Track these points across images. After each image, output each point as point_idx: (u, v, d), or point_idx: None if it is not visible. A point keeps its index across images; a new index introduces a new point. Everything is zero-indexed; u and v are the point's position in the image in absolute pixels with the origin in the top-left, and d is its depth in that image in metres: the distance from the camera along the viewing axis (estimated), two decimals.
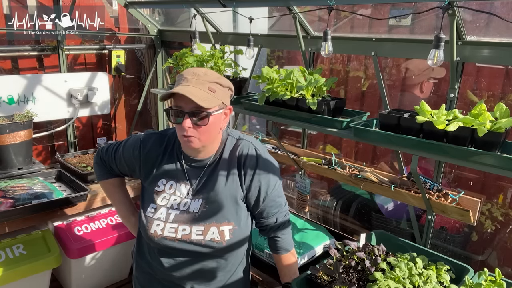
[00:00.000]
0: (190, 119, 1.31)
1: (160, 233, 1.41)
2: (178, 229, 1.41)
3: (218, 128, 1.39)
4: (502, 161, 1.38)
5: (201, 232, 1.40)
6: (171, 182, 1.46)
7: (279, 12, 2.61)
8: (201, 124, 1.32)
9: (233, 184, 1.43)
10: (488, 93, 2.54)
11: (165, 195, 1.45)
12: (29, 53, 3.04)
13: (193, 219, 1.41)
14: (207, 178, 1.44)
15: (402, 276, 1.53)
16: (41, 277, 2.31)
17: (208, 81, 1.32)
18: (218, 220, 1.41)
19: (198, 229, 1.40)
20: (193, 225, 1.41)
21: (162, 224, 1.42)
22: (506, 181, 2.47)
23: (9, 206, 2.15)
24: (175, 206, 1.44)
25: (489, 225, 2.44)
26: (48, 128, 3.17)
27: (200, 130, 1.33)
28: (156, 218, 1.43)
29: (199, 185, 1.44)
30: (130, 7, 3.19)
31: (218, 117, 1.37)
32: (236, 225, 1.43)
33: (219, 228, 1.40)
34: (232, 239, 1.42)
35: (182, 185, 1.45)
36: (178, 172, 1.46)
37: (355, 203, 2.82)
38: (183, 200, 1.44)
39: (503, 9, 1.92)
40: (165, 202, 1.45)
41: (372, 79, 3.17)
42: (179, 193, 1.45)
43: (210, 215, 1.41)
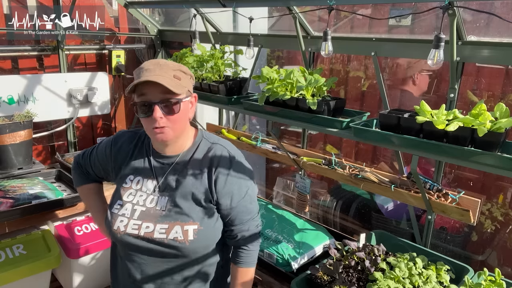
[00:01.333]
0: (161, 109, 1.26)
1: (123, 230, 1.36)
2: (141, 226, 1.36)
3: (187, 116, 1.35)
4: (502, 161, 1.39)
5: (164, 231, 1.34)
6: (138, 178, 1.43)
7: (279, 12, 2.61)
8: (173, 112, 1.27)
9: (202, 185, 1.37)
10: (488, 93, 2.54)
11: (132, 191, 1.42)
12: (29, 53, 3.04)
13: (158, 217, 1.36)
14: (176, 175, 1.40)
15: (402, 276, 1.53)
16: (41, 277, 2.31)
17: (171, 69, 1.29)
18: (183, 219, 1.35)
19: (162, 227, 1.35)
20: (157, 223, 1.35)
21: (126, 220, 1.37)
22: (506, 181, 2.47)
23: (9, 206, 2.15)
24: (141, 202, 1.40)
25: (489, 225, 2.44)
26: (48, 128, 3.17)
27: (171, 119, 1.28)
28: (120, 214, 1.39)
29: (166, 181, 1.40)
30: (130, 7, 3.19)
31: (187, 105, 1.33)
32: (201, 225, 1.35)
33: (183, 227, 1.34)
34: (196, 239, 1.34)
35: (149, 181, 1.41)
36: (145, 168, 1.43)
37: (355, 203, 2.82)
38: (149, 196, 1.40)
39: (503, 9, 1.92)
40: (131, 198, 1.41)
41: (372, 79, 3.17)
42: (146, 189, 1.41)
43: (176, 213, 1.36)
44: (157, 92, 1.25)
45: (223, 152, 1.41)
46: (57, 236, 2.41)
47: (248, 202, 1.43)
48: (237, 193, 1.39)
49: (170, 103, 1.27)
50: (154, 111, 1.25)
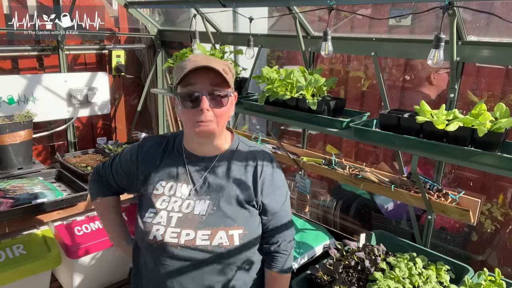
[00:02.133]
0: (208, 101, 1.20)
1: (160, 239, 1.26)
2: (181, 234, 1.26)
3: (229, 114, 1.29)
4: (502, 161, 1.39)
5: (207, 237, 1.25)
6: (171, 183, 1.34)
7: (279, 12, 2.61)
8: (220, 105, 1.22)
9: (247, 188, 1.32)
10: (488, 93, 2.54)
11: (165, 198, 1.32)
12: (29, 53, 3.04)
13: (198, 223, 1.27)
14: (216, 178, 1.32)
15: (402, 276, 1.53)
16: (41, 277, 2.31)
17: (220, 62, 1.24)
18: (228, 223, 1.27)
19: (204, 233, 1.26)
20: (198, 229, 1.26)
21: (163, 229, 1.27)
22: (506, 181, 2.47)
23: (9, 206, 2.15)
24: (176, 208, 1.30)
25: (489, 225, 2.44)
26: (48, 128, 3.17)
27: (218, 112, 1.22)
28: (155, 223, 1.28)
29: (205, 185, 1.32)
30: (130, 7, 3.19)
31: (231, 102, 1.28)
32: (246, 229, 1.29)
33: (227, 232, 1.26)
34: (242, 243, 1.28)
35: (184, 185, 1.33)
36: (179, 172, 1.34)
37: (355, 203, 2.82)
38: (184, 201, 1.31)
39: (503, 9, 1.92)
40: (165, 205, 1.31)
41: (372, 79, 3.17)
42: (180, 194, 1.32)
43: (218, 217, 1.28)
44: (207, 83, 1.20)
45: (265, 156, 1.38)
46: (57, 236, 2.41)
47: (289, 206, 1.41)
48: (280, 196, 1.37)
49: (219, 96, 1.22)
50: (202, 102, 1.19)
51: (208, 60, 1.22)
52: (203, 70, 1.19)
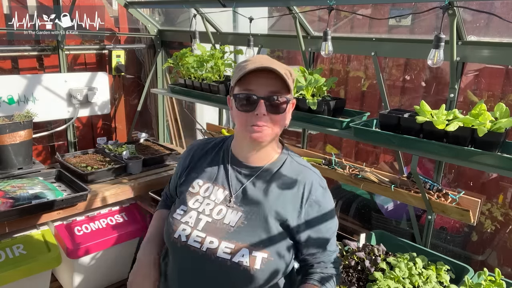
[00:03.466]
0: (266, 105, 1.14)
1: (184, 240, 1.19)
2: (205, 240, 1.18)
3: (286, 121, 1.22)
4: (502, 161, 1.39)
5: (229, 250, 1.15)
6: (208, 184, 1.28)
7: (279, 12, 2.61)
8: (277, 111, 1.15)
9: (288, 210, 1.20)
10: (488, 93, 2.54)
11: (199, 198, 1.26)
12: (29, 53, 3.04)
13: (225, 233, 1.18)
14: (255, 189, 1.23)
15: (402, 276, 1.53)
16: (41, 277, 2.31)
17: (283, 66, 1.16)
18: (254, 242, 1.16)
19: (227, 245, 1.16)
20: (223, 239, 1.17)
21: (189, 230, 1.20)
22: (506, 181, 2.47)
23: (9, 206, 2.15)
24: (207, 211, 1.23)
25: (489, 225, 2.44)
26: (48, 128, 3.17)
27: (273, 119, 1.16)
28: (183, 222, 1.22)
29: (242, 194, 1.24)
30: (130, 7, 3.20)
31: (289, 109, 1.21)
32: (272, 255, 1.16)
33: (251, 252, 1.15)
34: (262, 269, 1.14)
35: (220, 190, 1.26)
36: (219, 175, 1.28)
37: (355, 203, 2.82)
38: (217, 206, 1.24)
39: (503, 9, 1.92)
40: (197, 205, 1.25)
41: (372, 79, 3.17)
42: (214, 198, 1.25)
43: (247, 233, 1.17)
44: (266, 87, 1.14)
45: (315, 179, 1.26)
46: (57, 236, 2.41)
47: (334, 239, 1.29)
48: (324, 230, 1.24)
49: (278, 101, 1.15)
50: (259, 106, 1.13)
51: (270, 62, 1.16)
52: (264, 72, 1.13)
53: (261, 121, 1.14)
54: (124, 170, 2.80)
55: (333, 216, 1.28)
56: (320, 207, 1.23)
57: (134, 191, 2.67)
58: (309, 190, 1.22)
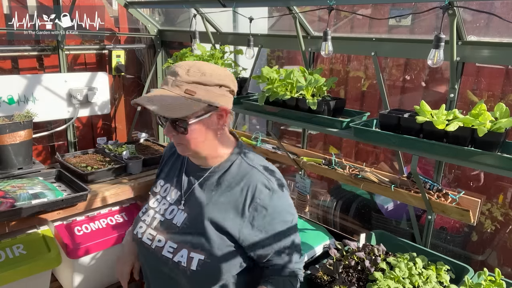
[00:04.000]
0: (172, 126, 1.17)
1: (140, 237, 1.30)
2: (155, 238, 1.26)
3: (209, 134, 1.20)
4: (502, 161, 1.38)
5: (172, 250, 1.21)
6: (167, 184, 1.35)
7: (279, 12, 2.61)
8: (182, 133, 1.17)
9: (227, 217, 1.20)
10: (488, 93, 2.54)
11: (158, 197, 1.35)
12: (29, 53, 3.04)
13: (171, 233, 1.24)
14: (201, 191, 1.26)
15: (402, 276, 1.53)
16: (41, 277, 2.31)
17: (186, 82, 1.14)
18: (193, 244, 1.19)
19: (171, 245, 1.22)
20: (169, 239, 1.23)
21: (145, 228, 1.30)
22: (506, 181, 2.47)
23: (9, 206, 2.15)
24: (162, 211, 1.31)
25: (489, 225, 2.44)
26: (48, 128, 3.17)
27: (183, 138, 1.18)
28: (142, 220, 1.33)
29: (190, 195, 1.28)
30: (130, 7, 3.19)
31: (206, 122, 1.17)
32: (208, 258, 1.17)
33: (189, 253, 1.18)
34: (199, 271, 1.17)
35: (175, 190, 1.32)
36: (176, 176, 1.35)
37: (355, 203, 2.82)
38: (170, 206, 1.30)
39: (503, 9, 1.92)
40: (156, 204, 1.34)
41: (372, 79, 3.17)
42: (169, 198, 1.32)
43: (188, 234, 1.21)
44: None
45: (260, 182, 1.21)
46: (57, 236, 2.41)
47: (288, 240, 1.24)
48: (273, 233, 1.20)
49: (178, 124, 1.15)
50: (166, 128, 1.18)
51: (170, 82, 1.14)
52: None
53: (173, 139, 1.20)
54: (124, 170, 2.80)
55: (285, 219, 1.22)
56: (267, 211, 1.19)
57: (134, 191, 2.67)
58: (253, 194, 1.19)
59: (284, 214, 1.23)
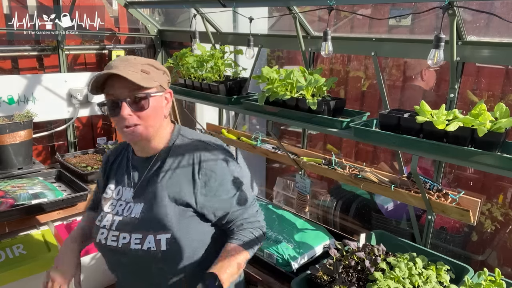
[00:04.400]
0: (129, 106, 1.19)
1: (103, 242, 1.30)
2: (119, 237, 1.28)
3: (161, 114, 1.28)
4: (502, 161, 1.38)
5: (139, 241, 1.25)
6: (119, 187, 1.37)
7: (279, 12, 2.61)
8: (142, 108, 1.21)
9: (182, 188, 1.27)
10: (488, 93, 2.54)
11: (113, 201, 1.36)
12: (29, 53, 3.04)
13: (132, 226, 1.27)
14: (150, 179, 1.30)
15: (402, 276, 1.53)
16: (41, 277, 2.30)
17: (140, 63, 1.23)
18: (155, 228, 1.24)
19: (136, 237, 1.25)
20: (132, 233, 1.27)
21: (106, 232, 1.30)
22: (506, 181, 2.47)
23: (9, 206, 2.15)
24: (120, 212, 1.32)
25: (489, 225, 2.44)
26: (48, 128, 3.17)
27: (142, 116, 1.21)
28: (101, 226, 1.33)
29: (142, 186, 1.32)
30: (130, 7, 3.20)
31: (159, 100, 1.26)
32: (174, 235, 1.24)
33: (155, 236, 1.23)
34: (169, 249, 1.23)
35: (127, 189, 1.35)
36: (125, 176, 1.37)
37: (355, 203, 2.82)
38: (128, 204, 1.32)
39: (503, 9, 1.92)
40: (111, 208, 1.35)
41: (372, 79, 3.17)
42: (124, 198, 1.34)
43: (148, 221, 1.26)
44: (124, 89, 1.19)
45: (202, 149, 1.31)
46: (57, 236, 2.41)
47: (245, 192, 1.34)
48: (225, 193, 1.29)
49: (138, 99, 1.20)
50: (122, 109, 1.19)
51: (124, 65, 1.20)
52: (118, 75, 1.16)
53: (129, 121, 1.20)
54: None
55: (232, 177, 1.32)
56: (216, 174, 1.28)
57: None
58: (199, 162, 1.28)
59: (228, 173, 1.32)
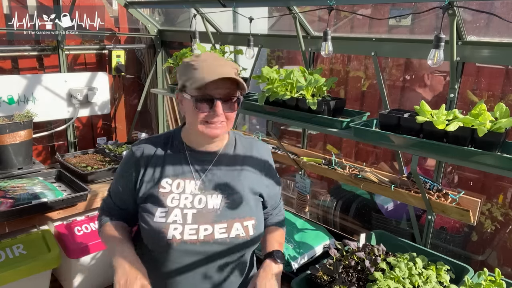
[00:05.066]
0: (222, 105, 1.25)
1: (179, 237, 1.25)
2: (199, 230, 1.27)
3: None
4: (502, 161, 1.38)
5: (224, 230, 1.29)
6: (178, 180, 1.33)
7: (279, 12, 2.61)
8: (232, 109, 1.28)
9: (255, 178, 1.40)
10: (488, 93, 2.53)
11: (174, 195, 1.31)
12: (29, 53, 3.04)
13: (214, 217, 1.29)
14: (222, 171, 1.37)
15: (402, 276, 1.53)
16: (41, 277, 2.31)
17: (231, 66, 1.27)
18: (241, 215, 1.32)
19: (221, 226, 1.29)
20: (215, 223, 1.28)
21: (181, 227, 1.26)
22: (506, 181, 2.47)
23: (9, 206, 2.15)
24: (188, 205, 1.30)
25: (489, 225, 2.44)
26: (48, 128, 3.17)
27: (228, 116, 1.28)
28: (171, 222, 1.26)
29: (212, 178, 1.35)
30: (130, 7, 3.19)
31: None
32: (257, 220, 1.35)
33: (242, 223, 1.31)
34: (255, 234, 1.33)
35: (191, 182, 1.34)
36: (184, 168, 1.35)
37: (355, 203, 2.82)
38: (196, 197, 1.32)
39: (503, 9, 1.92)
40: (176, 202, 1.30)
41: (372, 79, 3.17)
42: (189, 191, 1.32)
43: (233, 210, 1.32)
44: (221, 89, 1.24)
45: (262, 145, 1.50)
46: (57, 236, 2.41)
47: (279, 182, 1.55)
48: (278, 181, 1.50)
49: (232, 101, 1.26)
50: (217, 107, 1.24)
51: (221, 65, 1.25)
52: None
53: (218, 119, 1.26)
54: None
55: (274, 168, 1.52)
56: (271, 166, 1.48)
57: None
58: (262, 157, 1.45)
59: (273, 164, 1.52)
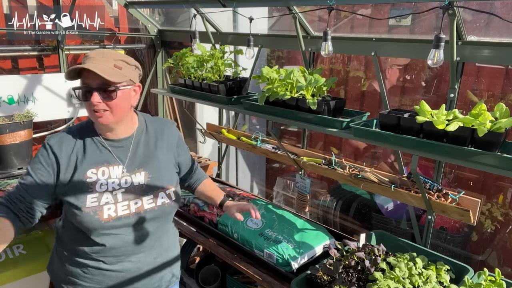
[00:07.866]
0: (99, 95, 1.36)
1: (114, 215, 1.43)
2: (130, 205, 1.46)
3: (128, 104, 1.47)
4: (502, 161, 1.38)
5: (152, 200, 1.50)
6: (102, 168, 1.47)
7: (279, 12, 2.61)
8: (110, 98, 1.38)
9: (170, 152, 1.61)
10: (488, 93, 2.54)
11: (102, 182, 1.45)
12: (29, 53, 3.04)
13: (141, 191, 1.49)
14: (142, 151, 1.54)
15: (402, 276, 1.53)
16: (41, 277, 2.31)
17: (113, 59, 1.40)
18: (163, 185, 1.54)
19: (148, 198, 1.49)
20: (142, 196, 1.49)
21: (114, 206, 1.44)
22: (506, 181, 2.47)
23: None
24: (116, 187, 1.46)
25: (489, 225, 2.44)
26: (48, 128, 3.17)
27: (110, 104, 1.39)
28: (104, 204, 1.42)
29: (134, 159, 1.52)
30: (130, 7, 3.20)
31: (127, 93, 1.44)
32: (175, 187, 1.59)
33: (165, 192, 1.54)
34: (176, 199, 1.57)
35: (114, 167, 1.49)
36: (105, 157, 1.48)
37: (355, 203, 2.82)
38: (122, 179, 1.48)
39: (503, 9, 1.92)
40: (105, 188, 1.45)
41: (372, 79, 3.17)
42: (115, 175, 1.47)
43: (155, 182, 1.53)
44: (96, 79, 1.35)
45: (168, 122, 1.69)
46: None
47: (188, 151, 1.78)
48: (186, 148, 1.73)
49: (108, 90, 1.37)
50: (93, 96, 1.36)
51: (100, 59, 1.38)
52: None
53: (98, 107, 1.38)
54: None
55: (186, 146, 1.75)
56: (179, 136, 1.69)
57: None
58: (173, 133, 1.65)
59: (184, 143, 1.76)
